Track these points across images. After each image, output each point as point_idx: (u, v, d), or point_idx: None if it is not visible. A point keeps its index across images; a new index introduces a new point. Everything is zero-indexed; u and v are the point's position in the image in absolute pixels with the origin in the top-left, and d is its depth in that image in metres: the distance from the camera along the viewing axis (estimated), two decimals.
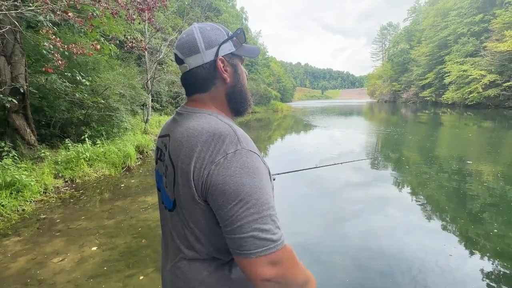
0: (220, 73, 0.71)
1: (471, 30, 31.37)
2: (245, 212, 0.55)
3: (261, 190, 0.57)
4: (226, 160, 0.57)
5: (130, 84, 7.78)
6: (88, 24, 4.27)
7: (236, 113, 0.77)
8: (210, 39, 0.70)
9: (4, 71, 4.55)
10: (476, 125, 14.18)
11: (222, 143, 0.59)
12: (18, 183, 3.87)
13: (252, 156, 0.59)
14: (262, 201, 0.56)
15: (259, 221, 0.55)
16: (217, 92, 0.73)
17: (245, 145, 0.60)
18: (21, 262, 2.62)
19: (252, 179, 0.56)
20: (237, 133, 0.62)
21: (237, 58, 0.75)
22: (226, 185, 0.56)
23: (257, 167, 0.58)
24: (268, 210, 0.57)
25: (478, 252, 2.81)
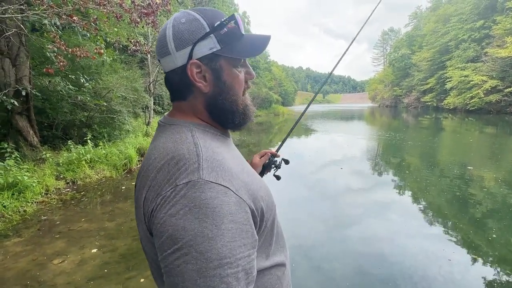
0: (193, 82, 0.55)
1: (472, 36, 31.52)
2: (182, 266, 0.41)
3: (212, 240, 0.42)
4: (174, 193, 0.44)
5: (132, 87, 7.84)
6: (92, 28, 4.33)
7: (224, 127, 0.62)
8: (182, 36, 0.53)
9: (8, 73, 4.61)
10: (478, 131, 14.16)
11: (176, 171, 0.46)
12: (20, 184, 3.89)
13: (210, 191, 0.44)
14: (209, 255, 0.41)
15: (199, 282, 0.41)
16: (195, 101, 0.58)
17: (207, 174, 0.45)
18: (21, 263, 2.62)
19: (199, 224, 0.42)
20: (201, 156, 0.47)
21: (225, 60, 0.56)
22: (165, 227, 0.43)
23: (214, 207, 0.43)
24: (218, 268, 0.41)
25: (480, 258, 2.80)
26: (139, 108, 9.25)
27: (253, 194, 0.52)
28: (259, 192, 0.54)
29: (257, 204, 0.52)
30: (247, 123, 0.63)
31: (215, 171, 0.47)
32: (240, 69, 0.59)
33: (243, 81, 0.60)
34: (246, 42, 0.56)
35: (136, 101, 8.32)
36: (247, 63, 0.61)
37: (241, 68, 0.59)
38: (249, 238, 0.46)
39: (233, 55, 0.55)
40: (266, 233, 0.58)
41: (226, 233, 0.43)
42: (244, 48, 0.56)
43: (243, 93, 0.61)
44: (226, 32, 0.54)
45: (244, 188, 0.50)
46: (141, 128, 9.01)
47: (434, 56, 38.82)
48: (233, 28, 0.54)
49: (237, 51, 0.55)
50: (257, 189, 0.54)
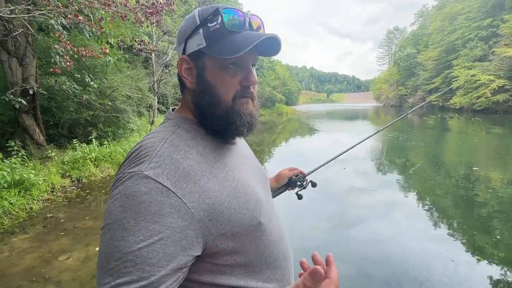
0: (181, 76, 0.56)
1: (479, 34, 31.03)
2: (100, 244, 0.43)
3: (125, 231, 0.41)
4: (119, 179, 0.46)
5: (137, 86, 7.90)
6: (98, 27, 4.37)
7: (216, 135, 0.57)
8: (180, 32, 0.56)
9: (15, 72, 4.68)
10: (484, 131, 13.96)
11: (132, 159, 0.48)
12: (27, 182, 3.95)
13: (144, 186, 0.43)
14: (117, 244, 0.40)
15: (103, 265, 0.41)
16: (187, 97, 0.58)
17: (149, 169, 0.44)
18: (28, 260, 2.66)
19: (121, 212, 0.42)
20: (157, 151, 0.47)
21: (210, 58, 0.52)
22: (106, 207, 0.46)
23: (141, 202, 0.42)
24: (119, 261, 0.40)
25: (487, 260, 2.76)
26: (143, 107, 9.32)
27: (213, 204, 0.47)
28: (228, 204, 0.49)
29: (214, 215, 0.47)
30: (233, 133, 0.56)
31: (161, 168, 0.45)
32: (233, 71, 0.53)
33: (235, 85, 0.54)
34: (235, 40, 0.50)
35: (141, 100, 8.39)
36: (248, 66, 0.55)
37: (236, 70, 0.54)
38: (174, 249, 0.42)
39: (215, 53, 0.51)
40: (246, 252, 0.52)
41: (144, 231, 0.41)
42: (227, 47, 0.50)
43: (234, 98, 0.54)
44: (217, 28, 0.50)
45: (199, 195, 0.46)
46: (145, 127, 9.07)
47: (440, 55, 38.31)
48: (220, 24, 0.50)
49: (219, 50, 0.50)
50: (225, 201, 0.49)
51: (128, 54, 9.53)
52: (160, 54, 10.99)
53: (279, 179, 0.99)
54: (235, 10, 0.52)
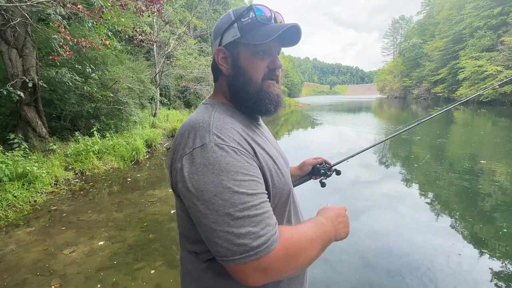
0: (218, 64, 0.67)
1: (488, 23, 30.13)
2: (213, 214, 0.49)
3: (231, 189, 0.49)
4: (192, 155, 0.53)
5: (138, 78, 7.80)
6: (97, 16, 4.25)
7: (246, 112, 0.68)
8: (216, 29, 0.67)
9: (15, 63, 4.60)
10: (491, 123, 13.73)
11: (194, 136, 0.55)
12: (30, 175, 3.93)
13: (220, 151, 0.52)
14: (233, 201, 0.49)
15: (231, 224, 0.48)
16: (222, 83, 0.69)
17: (216, 138, 0.54)
18: (33, 253, 2.66)
19: (217, 177, 0.50)
20: (211, 124, 0.57)
21: (244, 46, 0.64)
22: (190, 183, 0.51)
23: (225, 164, 0.51)
24: (243, 211, 0.49)
25: (489, 252, 2.71)
26: (145, 99, 9.24)
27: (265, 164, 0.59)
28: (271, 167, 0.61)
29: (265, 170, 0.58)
30: (262, 110, 0.66)
31: (224, 135, 0.55)
32: (262, 56, 0.64)
33: (263, 68, 0.65)
34: (264, 30, 0.62)
35: (143, 92, 8.30)
36: (274, 53, 0.66)
37: (264, 55, 0.65)
38: (263, 189, 0.55)
39: (247, 41, 0.62)
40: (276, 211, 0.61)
41: (243, 183, 0.51)
42: (257, 35, 0.61)
43: (263, 80, 0.65)
44: (249, 22, 0.62)
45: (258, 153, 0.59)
46: (148, 120, 9.02)
47: (447, 45, 37.42)
48: (253, 17, 0.62)
49: (251, 38, 0.62)
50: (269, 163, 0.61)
51: (129, 45, 9.39)
52: (162, 45, 10.81)
53: (302, 167, 1.05)
54: (264, 7, 0.64)
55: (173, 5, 11.25)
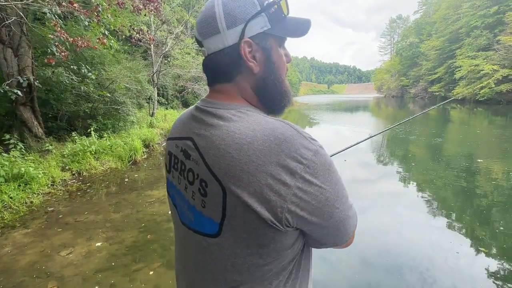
0: (245, 61, 0.53)
1: (485, 22, 30.32)
2: (345, 205, 0.53)
3: (341, 178, 0.53)
4: (310, 166, 0.46)
5: (136, 78, 7.75)
6: (94, 15, 4.21)
7: (270, 111, 0.60)
8: (234, 13, 0.51)
9: (11, 63, 4.54)
10: (487, 121, 13.83)
11: (294, 148, 0.46)
12: (26, 176, 3.89)
13: (325, 152, 0.51)
14: (344, 185, 0.54)
15: (349, 204, 0.55)
16: (243, 83, 0.56)
17: (313, 140, 0.50)
18: (29, 255, 2.63)
19: (336, 175, 0.51)
20: (297, 129, 0.50)
21: (273, 39, 0.55)
22: (327, 192, 0.49)
23: (331, 162, 0.52)
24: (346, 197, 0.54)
25: (486, 250, 2.73)
26: (143, 99, 9.18)
27: None
28: None
29: None
30: (289, 105, 0.62)
31: (311, 136, 0.51)
32: (282, 51, 0.59)
33: (285, 62, 0.60)
34: (291, 23, 0.56)
35: (140, 92, 8.25)
36: (285, 45, 0.60)
37: (282, 50, 0.59)
38: None
39: (282, 34, 0.55)
40: None
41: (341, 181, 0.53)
42: (290, 28, 0.55)
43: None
44: (274, 12, 0.53)
45: None
46: (145, 119, 8.97)
47: (443, 44, 37.61)
48: (277, 8, 0.53)
49: (285, 31, 0.55)
50: None
51: (127, 45, 9.33)
52: (159, 44, 10.75)
53: None
54: None
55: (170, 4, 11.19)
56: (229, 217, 0.48)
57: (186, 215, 0.58)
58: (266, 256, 0.51)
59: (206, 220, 0.52)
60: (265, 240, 0.49)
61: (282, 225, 0.47)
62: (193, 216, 0.55)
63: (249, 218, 0.47)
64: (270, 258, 0.51)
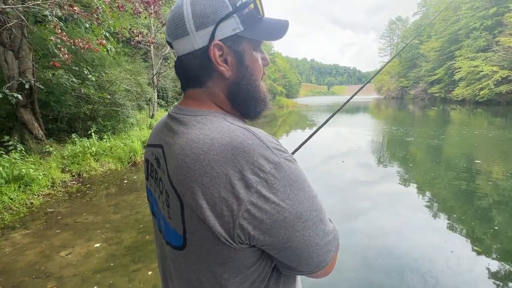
0: (215, 65, 0.50)
1: (484, 23, 30.42)
2: (312, 229, 0.46)
3: (313, 196, 0.47)
4: (268, 181, 0.42)
5: (135, 80, 7.79)
6: (94, 18, 4.25)
7: (245, 117, 0.58)
8: (203, 14, 0.48)
9: (11, 65, 4.58)
10: (487, 122, 13.84)
11: (250, 158, 0.43)
12: (26, 177, 3.92)
13: (292, 163, 0.45)
14: (319, 206, 0.48)
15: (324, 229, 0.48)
16: (215, 88, 0.53)
17: (279, 152, 0.45)
18: (29, 255, 2.65)
19: (305, 192, 0.45)
20: (261, 138, 0.45)
21: (247, 42, 0.52)
22: (286, 211, 0.43)
23: (300, 175, 0.46)
24: (323, 210, 0.49)
25: (488, 251, 2.74)
26: (143, 101, 9.22)
27: None
28: None
29: None
30: (265, 111, 0.59)
31: (278, 145, 0.47)
32: (258, 54, 0.56)
33: (261, 66, 0.57)
34: (267, 25, 0.53)
35: (140, 94, 8.29)
36: (262, 48, 0.58)
37: (259, 53, 0.56)
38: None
39: (256, 37, 0.52)
40: None
41: (313, 188, 0.49)
42: (265, 31, 0.52)
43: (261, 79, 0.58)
44: (248, 13, 0.50)
45: None
46: (145, 121, 9.00)
47: (443, 45, 37.72)
48: (253, 9, 0.51)
49: (260, 33, 0.52)
50: None
51: (127, 47, 9.38)
52: (159, 46, 10.81)
53: None
54: None
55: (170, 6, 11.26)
56: (189, 230, 0.46)
57: (161, 224, 0.56)
58: (227, 274, 0.47)
59: (172, 232, 0.51)
60: (223, 257, 0.46)
61: (235, 242, 0.43)
62: (164, 226, 0.54)
63: (206, 233, 0.44)
64: (232, 277, 0.47)
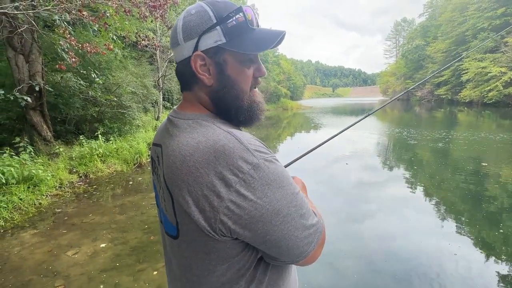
0: (196, 74, 0.55)
1: (492, 24, 29.96)
2: (292, 223, 0.49)
3: (294, 193, 0.50)
4: (246, 181, 0.46)
5: (141, 83, 7.90)
6: (102, 22, 4.34)
7: (237, 125, 0.60)
8: (189, 27, 0.53)
9: (22, 69, 4.71)
10: (495, 125, 13.60)
11: (231, 161, 0.47)
12: (35, 178, 4.00)
13: (271, 165, 0.49)
14: (299, 202, 0.51)
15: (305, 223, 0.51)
16: (200, 93, 0.58)
17: (258, 153, 0.49)
18: (37, 254, 2.71)
19: (283, 190, 0.49)
20: (242, 141, 0.49)
21: (230, 53, 0.55)
22: (261, 209, 0.47)
23: (280, 174, 0.49)
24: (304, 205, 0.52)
25: (498, 256, 2.69)
26: (148, 103, 9.34)
27: None
28: None
29: None
30: (254, 121, 0.61)
31: (259, 147, 0.50)
32: (248, 65, 0.58)
33: (251, 76, 0.59)
34: (255, 36, 0.54)
35: (146, 97, 8.40)
36: (258, 59, 0.60)
37: (250, 63, 0.58)
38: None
39: (237, 49, 0.54)
40: None
41: (293, 183, 0.52)
42: (250, 43, 0.54)
43: (250, 89, 0.60)
44: (235, 25, 0.53)
45: None
46: (151, 123, 9.11)
47: (449, 47, 37.29)
48: (242, 21, 0.53)
49: (242, 46, 0.53)
50: None
51: (134, 51, 9.53)
52: (165, 49, 10.95)
53: None
54: (249, 8, 0.56)
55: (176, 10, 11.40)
56: (180, 223, 0.53)
57: (161, 215, 0.63)
58: (214, 262, 0.52)
59: (169, 223, 0.57)
60: (208, 247, 0.51)
61: (218, 235, 0.48)
62: (163, 217, 0.61)
63: (192, 226, 0.50)
64: (218, 264, 0.52)
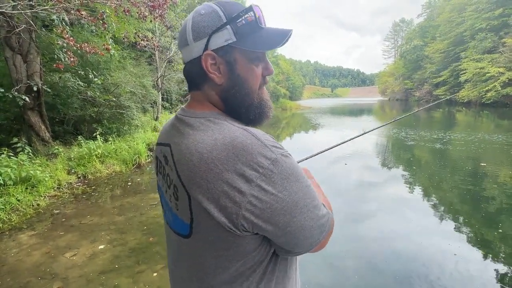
0: (206, 73, 0.56)
1: (490, 24, 30.10)
2: (308, 213, 0.52)
3: (308, 186, 0.52)
4: (267, 175, 0.48)
5: (140, 83, 7.87)
6: (100, 22, 4.32)
7: (247, 123, 0.60)
8: (199, 27, 0.55)
9: (20, 69, 4.67)
10: (494, 125, 13.65)
11: (252, 157, 0.48)
12: (33, 179, 3.97)
13: (287, 159, 0.51)
14: (312, 194, 0.53)
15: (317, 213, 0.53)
16: (210, 91, 0.59)
17: (276, 149, 0.50)
18: (35, 256, 2.68)
19: (299, 183, 0.51)
20: (259, 137, 0.50)
21: (239, 52, 0.56)
22: (283, 201, 0.49)
23: (296, 168, 0.51)
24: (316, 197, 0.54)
25: (497, 256, 2.69)
26: (147, 103, 9.31)
27: None
28: None
29: None
30: (263, 119, 0.63)
31: (276, 144, 0.52)
32: (257, 63, 0.59)
33: (260, 75, 0.60)
34: (264, 35, 0.56)
35: (145, 97, 8.37)
36: (266, 58, 0.61)
37: (259, 62, 0.59)
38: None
39: (248, 47, 0.55)
40: None
41: (307, 179, 0.54)
42: (260, 41, 0.55)
43: (259, 88, 0.61)
44: (244, 24, 0.54)
45: None
46: (149, 123, 9.07)
47: (448, 47, 37.42)
48: (251, 20, 0.55)
49: (252, 44, 0.55)
50: None
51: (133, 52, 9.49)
52: (164, 50, 10.92)
53: None
54: (258, 7, 0.56)
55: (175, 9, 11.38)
56: (196, 220, 0.52)
57: (168, 215, 0.63)
58: (231, 258, 0.53)
59: (179, 221, 0.57)
60: (227, 243, 0.52)
61: (239, 230, 0.49)
62: (171, 216, 0.60)
63: (211, 222, 0.50)
64: (235, 260, 0.53)
